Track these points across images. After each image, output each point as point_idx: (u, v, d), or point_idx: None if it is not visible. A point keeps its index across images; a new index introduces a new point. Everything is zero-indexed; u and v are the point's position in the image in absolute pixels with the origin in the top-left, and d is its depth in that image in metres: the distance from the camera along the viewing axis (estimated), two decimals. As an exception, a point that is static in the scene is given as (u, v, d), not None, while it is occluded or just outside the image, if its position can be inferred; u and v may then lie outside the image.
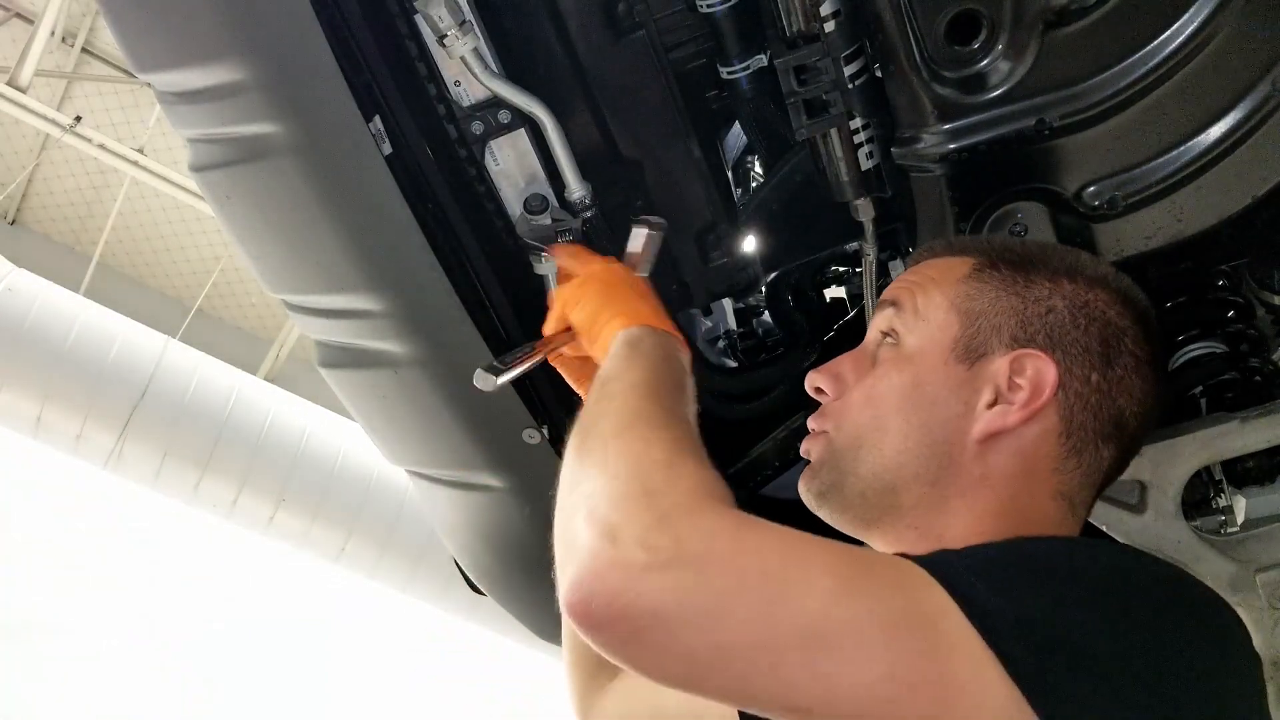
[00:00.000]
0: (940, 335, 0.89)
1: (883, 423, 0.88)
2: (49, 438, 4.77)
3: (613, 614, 0.66)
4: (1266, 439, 1.12)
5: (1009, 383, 0.85)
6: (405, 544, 5.17)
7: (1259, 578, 1.15)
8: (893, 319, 0.92)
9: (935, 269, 0.94)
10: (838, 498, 0.90)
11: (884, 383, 0.89)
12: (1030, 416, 0.84)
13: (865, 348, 0.95)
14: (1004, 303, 0.88)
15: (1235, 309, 1.23)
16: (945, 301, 0.90)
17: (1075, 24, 1.02)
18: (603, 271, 1.11)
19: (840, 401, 0.93)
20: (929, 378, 0.87)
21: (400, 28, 1.18)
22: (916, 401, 0.87)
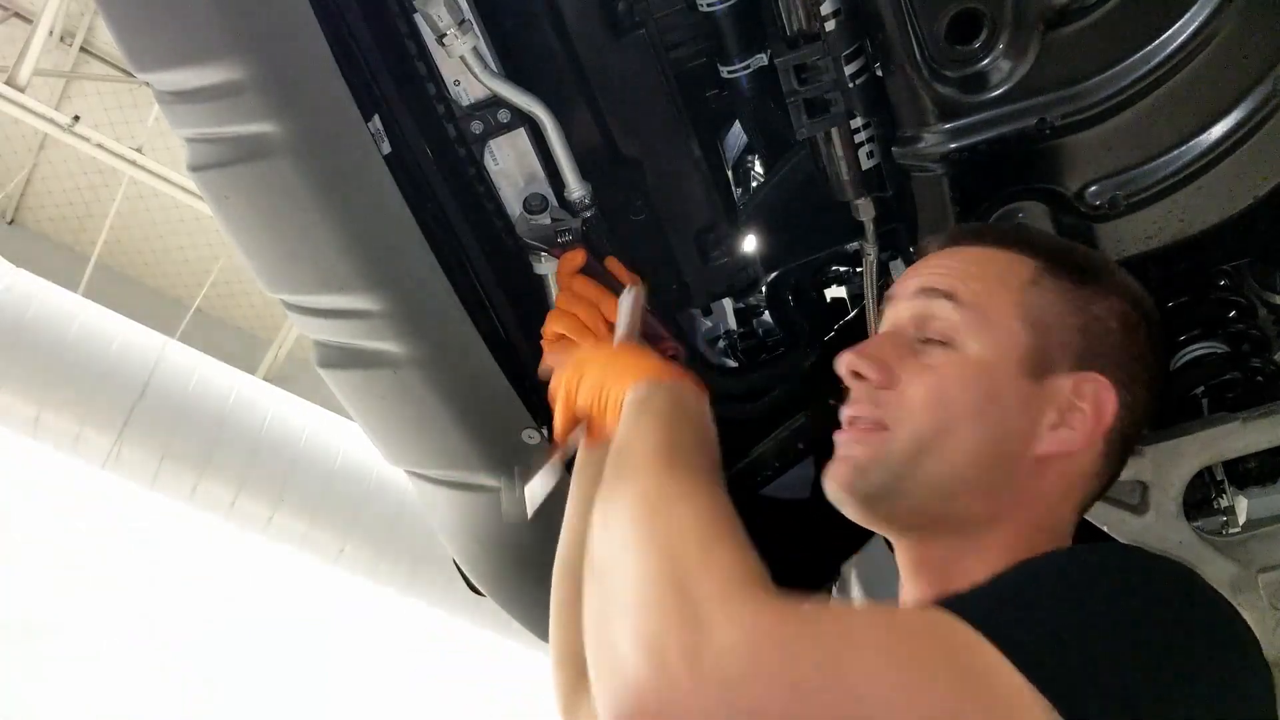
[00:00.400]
0: (1010, 345, 0.85)
1: (952, 430, 0.84)
2: (47, 438, 4.77)
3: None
4: (1268, 439, 1.12)
5: (1069, 403, 0.84)
6: (405, 545, 5.17)
7: (1261, 578, 1.15)
8: (951, 313, 0.87)
9: (995, 264, 0.89)
10: (888, 501, 0.86)
11: (954, 388, 0.85)
12: (1091, 441, 0.85)
13: (902, 333, 0.89)
14: (1070, 319, 0.86)
15: (1237, 309, 1.23)
16: (1013, 308, 0.86)
17: (1076, 23, 1.02)
18: (592, 350, 1.09)
19: (895, 394, 0.86)
20: (1002, 390, 0.85)
21: (400, 27, 1.18)
22: (988, 413, 0.84)
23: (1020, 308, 0.86)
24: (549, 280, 1.27)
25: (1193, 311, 1.22)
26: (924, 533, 0.87)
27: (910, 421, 0.85)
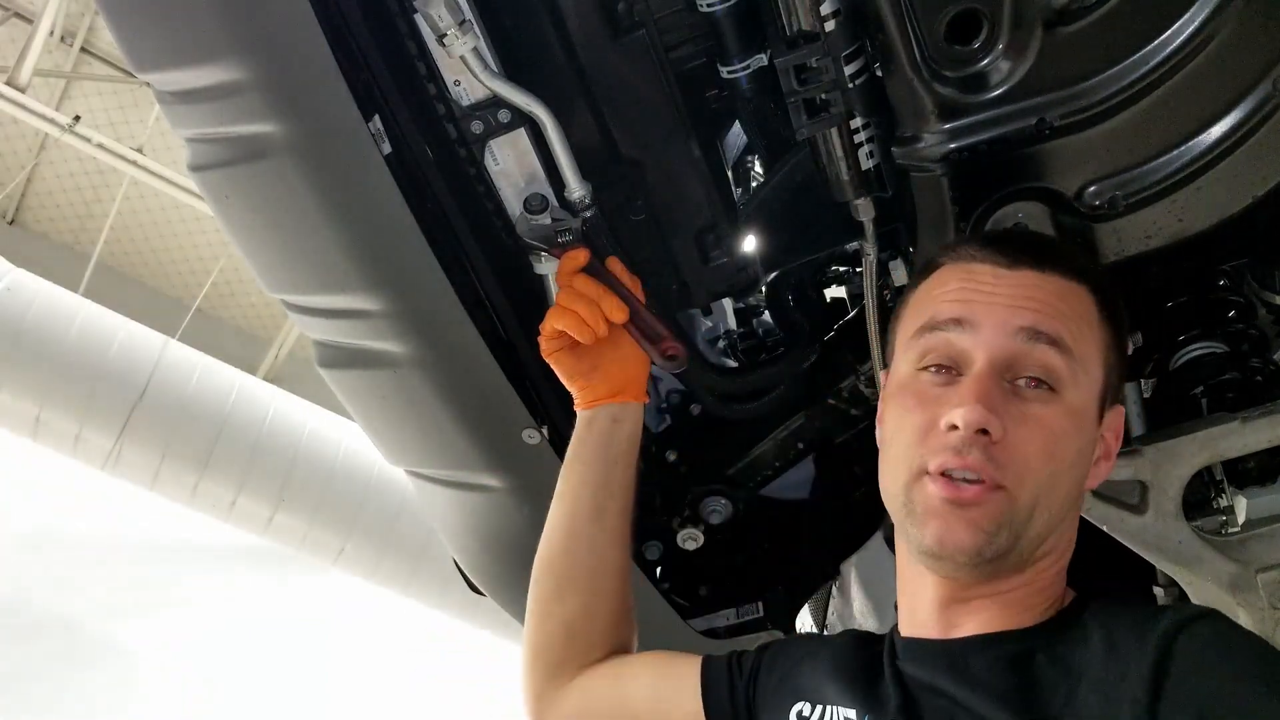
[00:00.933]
0: (1095, 389, 0.87)
1: (1059, 482, 0.84)
2: (48, 438, 4.77)
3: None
4: (1268, 439, 1.12)
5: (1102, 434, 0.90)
6: (405, 544, 5.17)
7: (1260, 578, 1.15)
8: (1057, 361, 0.85)
9: (1078, 303, 0.88)
10: (1006, 560, 0.83)
11: (1062, 440, 0.84)
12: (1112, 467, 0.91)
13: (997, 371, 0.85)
14: (1116, 357, 0.90)
15: (1236, 309, 1.23)
16: (1095, 350, 0.87)
17: (1076, 24, 1.02)
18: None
19: (1007, 451, 0.82)
20: (1089, 435, 0.87)
21: (400, 27, 1.18)
22: (1082, 461, 0.87)
23: (1098, 347, 0.88)
24: (549, 280, 1.27)
25: (1192, 311, 1.22)
26: (1005, 575, 0.86)
27: (1030, 481, 0.82)
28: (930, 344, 0.89)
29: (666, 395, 1.55)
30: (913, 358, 0.90)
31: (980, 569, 0.83)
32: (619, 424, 1.20)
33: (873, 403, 1.38)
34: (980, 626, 0.86)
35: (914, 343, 0.91)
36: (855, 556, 1.65)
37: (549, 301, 1.30)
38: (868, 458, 1.48)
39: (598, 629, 1.14)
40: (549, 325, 1.19)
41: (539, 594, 1.18)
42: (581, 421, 1.21)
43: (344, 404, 1.44)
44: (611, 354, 1.21)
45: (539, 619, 1.17)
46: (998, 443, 0.82)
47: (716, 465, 1.51)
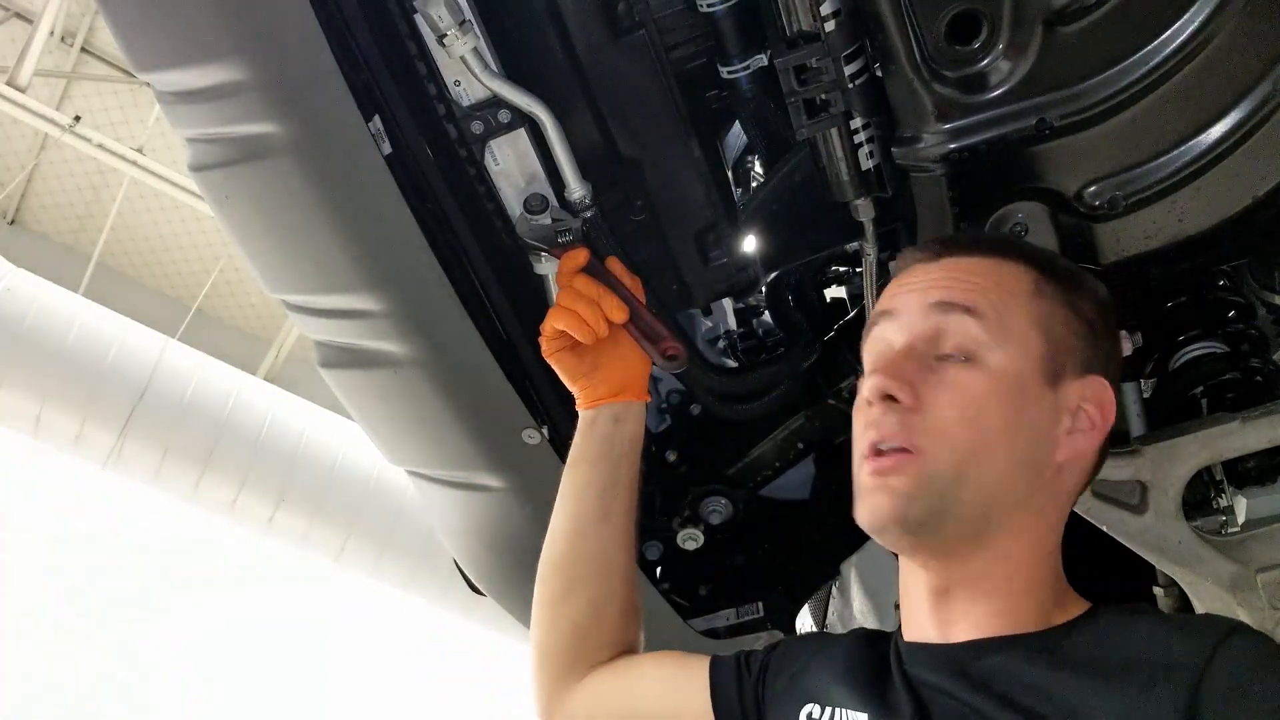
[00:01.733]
0: (1028, 354, 0.86)
1: (986, 444, 0.84)
2: (48, 437, 4.77)
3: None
4: (1267, 439, 1.12)
5: (1078, 407, 0.87)
6: (405, 544, 5.17)
7: (1260, 578, 1.15)
8: (971, 327, 0.86)
9: (1001, 274, 0.89)
10: (936, 528, 0.84)
11: (984, 402, 0.84)
12: (1098, 441, 0.88)
13: (915, 348, 0.88)
14: (1070, 325, 0.89)
15: (1236, 309, 1.23)
16: (1027, 318, 0.87)
17: (1075, 24, 1.02)
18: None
19: (927, 417, 0.84)
20: (1029, 401, 0.85)
21: (400, 27, 1.18)
22: (1019, 427, 0.85)
23: (1032, 316, 0.87)
24: (549, 280, 1.27)
25: (1192, 311, 1.22)
26: (963, 553, 0.86)
27: (946, 444, 0.83)
28: (871, 345, 0.93)
29: (666, 395, 1.55)
30: (867, 363, 0.94)
31: (914, 536, 0.85)
32: (621, 424, 1.20)
33: (873, 403, 1.38)
34: (976, 628, 0.85)
35: (865, 349, 0.95)
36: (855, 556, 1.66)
37: (549, 302, 1.30)
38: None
39: (606, 629, 1.14)
40: (550, 325, 1.19)
41: (546, 595, 1.17)
42: (584, 422, 1.21)
43: (344, 404, 1.44)
44: (612, 354, 1.21)
45: (547, 620, 1.16)
46: (912, 410, 0.84)
47: (716, 465, 1.51)
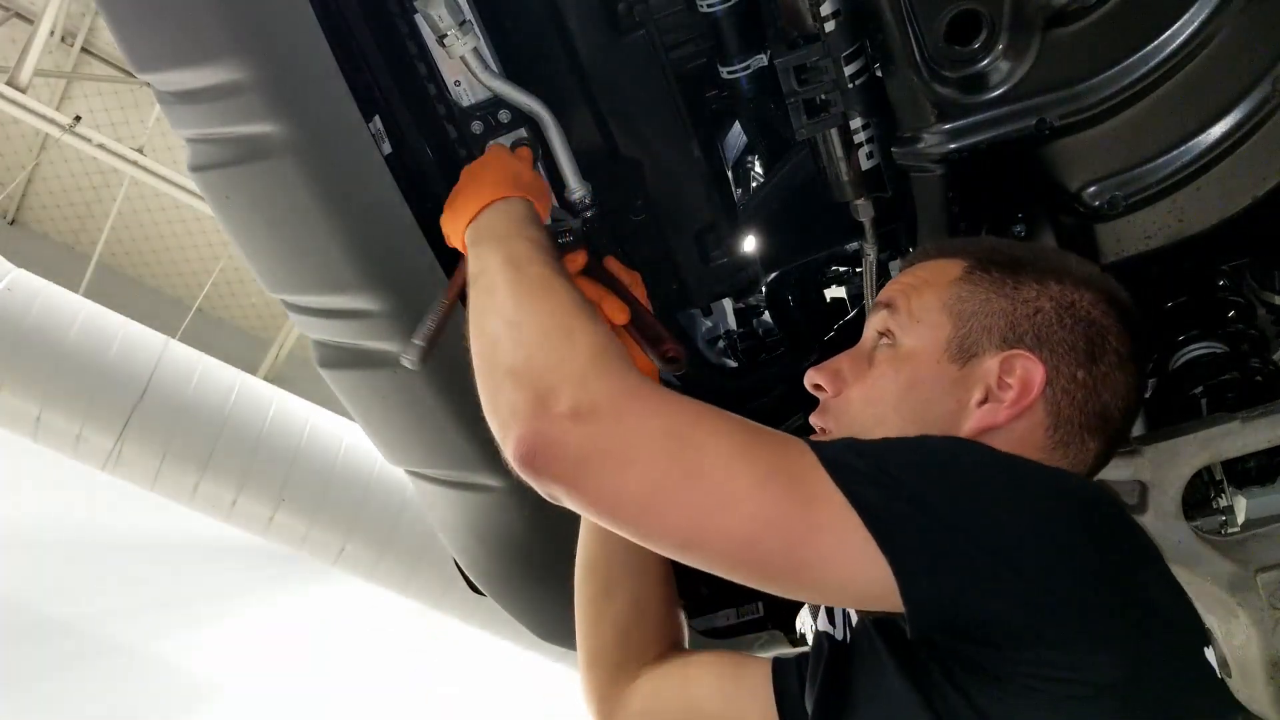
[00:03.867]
0: (934, 335, 0.92)
1: (881, 420, 0.91)
2: (48, 438, 4.77)
3: (551, 461, 0.80)
4: (1267, 439, 1.12)
5: (999, 381, 0.88)
6: (405, 545, 5.17)
7: (1259, 578, 1.15)
8: (887, 319, 0.95)
9: (928, 271, 0.96)
10: None
11: (882, 381, 0.93)
12: (1019, 413, 0.88)
13: (862, 347, 0.98)
14: (994, 304, 0.91)
15: (1236, 309, 1.23)
16: (938, 303, 0.93)
17: (1075, 24, 1.02)
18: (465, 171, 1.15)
19: (840, 399, 0.96)
20: (924, 376, 0.91)
21: (400, 28, 1.18)
22: (912, 400, 0.91)
23: (944, 301, 0.92)
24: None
25: (1192, 311, 1.22)
26: None
27: (849, 420, 0.94)
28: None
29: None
30: None
31: None
32: None
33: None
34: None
35: None
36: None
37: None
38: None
39: (650, 625, 1.15)
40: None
41: (586, 598, 1.17)
42: None
43: (344, 404, 1.44)
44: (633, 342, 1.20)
45: (590, 624, 1.16)
46: (834, 396, 0.96)
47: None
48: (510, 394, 0.85)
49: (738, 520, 0.76)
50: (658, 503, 0.78)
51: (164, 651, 5.45)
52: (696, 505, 0.77)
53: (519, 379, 0.85)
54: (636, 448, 0.79)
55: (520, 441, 0.81)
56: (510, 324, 0.92)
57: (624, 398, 0.82)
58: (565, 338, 0.88)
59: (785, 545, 0.75)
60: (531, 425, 0.81)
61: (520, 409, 0.83)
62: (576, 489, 0.79)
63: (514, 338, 0.90)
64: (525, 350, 0.88)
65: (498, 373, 0.88)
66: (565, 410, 0.81)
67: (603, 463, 0.79)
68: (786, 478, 0.77)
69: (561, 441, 0.80)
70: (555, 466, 0.80)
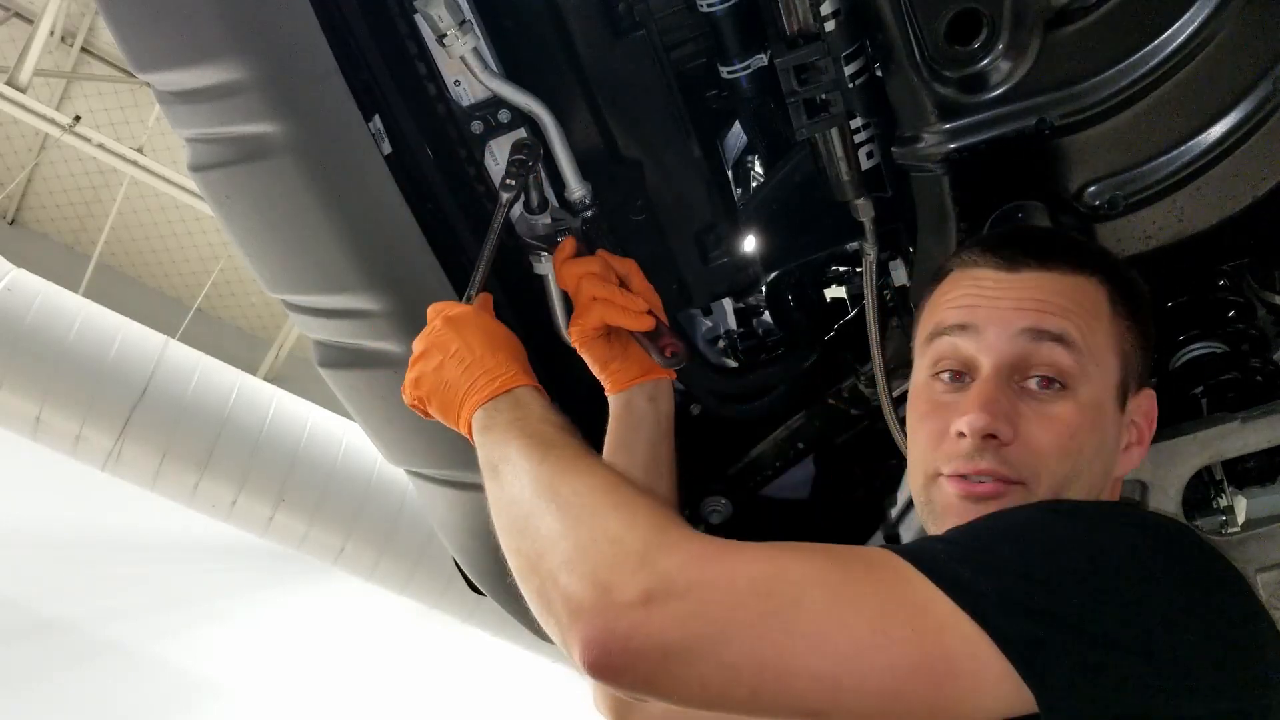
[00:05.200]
0: (1110, 381, 0.88)
1: (1079, 474, 0.86)
2: (48, 438, 4.77)
3: (629, 659, 0.70)
4: (1267, 439, 1.12)
5: (1130, 420, 0.89)
6: (404, 545, 5.17)
7: (1260, 578, 1.15)
8: (1065, 358, 0.86)
9: (1084, 296, 0.89)
10: None
11: (1081, 435, 0.85)
12: (1145, 453, 0.90)
13: (1001, 373, 0.87)
14: (1138, 343, 0.90)
15: (1236, 309, 1.22)
16: (1108, 344, 0.88)
17: (1076, 24, 1.02)
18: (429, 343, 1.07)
19: (1022, 449, 0.85)
20: (1109, 426, 0.88)
21: (400, 27, 1.18)
22: (1105, 451, 0.88)
23: (1111, 339, 0.88)
24: (549, 280, 1.27)
25: (1192, 311, 1.22)
26: None
27: (1048, 474, 0.84)
28: (939, 351, 0.92)
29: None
30: (925, 364, 0.93)
31: None
32: (656, 402, 1.21)
33: (873, 403, 1.38)
34: None
35: (926, 349, 0.94)
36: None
37: (549, 301, 1.30)
38: (868, 458, 1.49)
39: None
40: (591, 322, 1.16)
41: None
42: (619, 407, 1.22)
43: (344, 404, 1.44)
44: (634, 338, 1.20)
45: None
46: (1009, 444, 0.85)
47: (716, 465, 1.51)
48: (565, 591, 0.75)
49: (873, 675, 0.68)
50: (772, 676, 0.69)
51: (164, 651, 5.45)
52: (820, 670, 0.68)
53: (572, 571, 0.76)
54: (728, 620, 0.69)
55: (589, 645, 0.71)
56: (547, 512, 0.82)
57: (697, 564, 0.72)
58: (614, 515, 0.79)
59: (929, 688, 0.68)
60: (598, 623, 0.72)
61: (581, 606, 0.73)
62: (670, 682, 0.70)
63: (555, 526, 0.81)
64: (572, 537, 0.78)
65: (543, 569, 0.79)
66: (635, 597, 0.71)
67: (695, 645, 0.69)
68: (903, 612, 0.69)
69: (639, 633, 0.70)
70: (640, 664, 0.70)
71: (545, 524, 0.82)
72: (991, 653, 0.67)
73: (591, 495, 0.82)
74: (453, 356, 1.03)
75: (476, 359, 1.02)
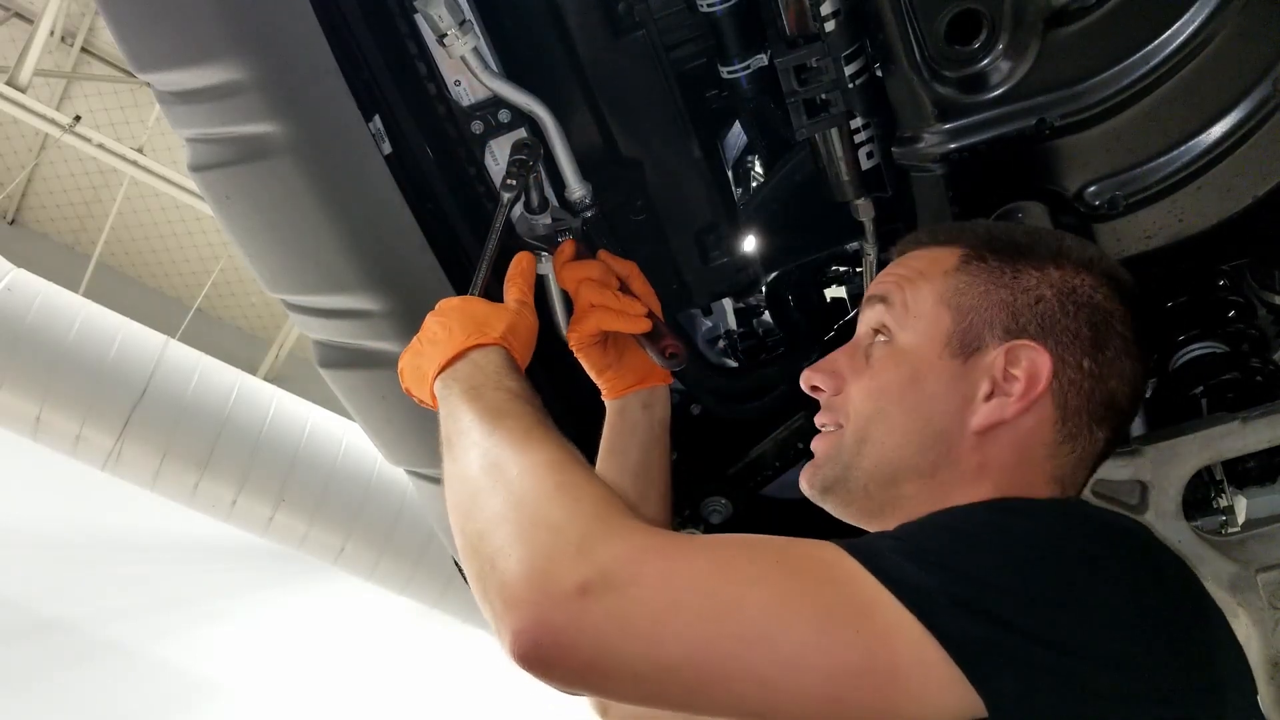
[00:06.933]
0: (932, 330, 0.89)
1: (884, 416, 0.89)
2: (48, 438, 4.77)
3: (560, 652, 0.68)
4: (1267, 439, 1.12)
5: (1004, 374, 0.86)
6: (404, 545, 5.17)
7: (1260, 578, 1.15)
8: (883, 315, 0.92)
9: (922, 261, 0.94)
10: (842, 491, 0.92)
11: (882, 377, 0.90)
12: (1027, 407, 0.85)
13: (857, 343, 0.95)
14: (994, 295, 0.89)
15: (1236, 309, 1.23)
16: (934, 296, 0.90)
17: (1075, 24, 1.02)
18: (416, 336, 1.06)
19: (842, 397, 0.93)
20: (925, 372, 0.88)
21: (400, 27, 1.18)
22: (914, 395, 0.88)
23: (941, 293, 0.90)
24: (549, 280, 1.27)
25: (1192, 311, 1.22)
26: (885, 518, 0.88)
27: (854, 415, 0.91)
28: None
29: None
30: None
31: (827, 498, 0.93)
32: (650, 409, 1.21)
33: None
34: None
35: None
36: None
37: (549, 302, 1.30)
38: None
39: None
40: (589, 328, 1.15)
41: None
42: (613, 412, 1.21)
43: (344, 404, 1.44)
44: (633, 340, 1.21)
45: None
46: (834, 394, 0.94)
47: (716, 465, 1.51)
48: (501, 576, 0.72)
49: (815, 680, 0.66)
50: (710, 676, 0.67)
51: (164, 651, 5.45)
52: (760, 673, 0.66)
53: (509, 556, 0.72)
54: (666, 617, 0.67)
55: (520, 636, 0.68)
56: (492, 491, 0.79)
57: (638, 558, 0.70)
58: (557, 499, 0.75)
59: (873, 693, 0.66)
60: (531, 613, 0.69)
61: (515, 594, 0.70)
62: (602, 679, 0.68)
63: (497, 508, 0.77)
64: (513, 520, 0.75)
65: (483, 551, 0.75)
66: (571, 588, 0.68)
67: (631, 642, 0.67)
68: (848, 612, 0.67)
69: (573, 626, 0.67)
70: (571, 658, 0.67)
71: (489, 504, 0.79)
72: (938, 655, 0.66)
73: (536, 474, 0.79)
74: (429, 340, 1.03)
75: (449, 336, 1.01)
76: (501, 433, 0.85)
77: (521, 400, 0.92)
